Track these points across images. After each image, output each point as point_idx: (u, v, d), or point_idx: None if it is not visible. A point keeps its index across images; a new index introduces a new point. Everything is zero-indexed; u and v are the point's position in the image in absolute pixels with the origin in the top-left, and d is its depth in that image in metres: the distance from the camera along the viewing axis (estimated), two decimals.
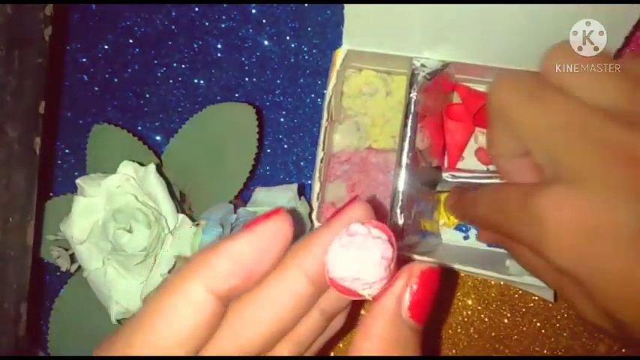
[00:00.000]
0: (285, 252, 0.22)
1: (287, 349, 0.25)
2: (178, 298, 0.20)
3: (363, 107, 0.44)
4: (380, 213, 0.38)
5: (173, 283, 0.20)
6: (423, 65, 0.38)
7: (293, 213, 0.37)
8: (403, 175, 0.37)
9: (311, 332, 0.25)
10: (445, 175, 0.38)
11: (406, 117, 0.37)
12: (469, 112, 0.41)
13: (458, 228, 0.44)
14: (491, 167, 0.42)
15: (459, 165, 0.43)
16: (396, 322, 0.21)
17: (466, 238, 0.44)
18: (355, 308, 0.35)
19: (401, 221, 0.37)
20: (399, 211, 0.37)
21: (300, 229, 0.40)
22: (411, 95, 0.38)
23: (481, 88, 0.43)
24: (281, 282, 0.22)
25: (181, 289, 0.20)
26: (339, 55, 0.39)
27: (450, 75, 0.40)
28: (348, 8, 0.37)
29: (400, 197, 0.37)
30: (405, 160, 0.37)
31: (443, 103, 0.42)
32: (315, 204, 0.40)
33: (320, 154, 0.40)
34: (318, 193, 0.40)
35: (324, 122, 0.40)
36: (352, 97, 0.44)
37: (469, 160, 0.44)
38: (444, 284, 0.46)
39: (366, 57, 0.40)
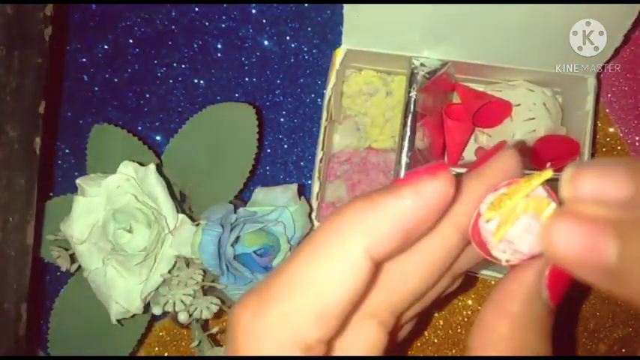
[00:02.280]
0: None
1: (419, 306, 0.23)
2: (338, 260, 0.18)
3: (363, 107, 0.44)
4: None
5: (330, 239, 0.18)
6: (422, 64, 0.38)
7: None
8: (403, 174, 0.37)
9: (439, 289, 0.24)
10: None
11: (406, 116, 0.38)
12: (468, 112, 0.41)
13: None
14: None
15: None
16: (533, 301, 0.19)
17: None
18: None
19: None
20: None
21: None
22: (411, 94, 0.38)
23: (481, 88, 0.43)
24: (433, 232, 0.19)
25: (341, 250, 0.18)
26: (339, 55, 0.39)
27: (449, 75, 0.40)
28: (348, 8, 0.37)
29: None
30: (404, 159, 0.37)
31: (442, 102, 0.42)
32: (314, 204, 0.40)
33: (319, 154, 0.40)
34: (318, 193, 0.40)
35: (323, 122, 0.40)
36: (352, 97, 0.44)
37: (469, 160, 0.44)
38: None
39: (366, 57, 0.40)
